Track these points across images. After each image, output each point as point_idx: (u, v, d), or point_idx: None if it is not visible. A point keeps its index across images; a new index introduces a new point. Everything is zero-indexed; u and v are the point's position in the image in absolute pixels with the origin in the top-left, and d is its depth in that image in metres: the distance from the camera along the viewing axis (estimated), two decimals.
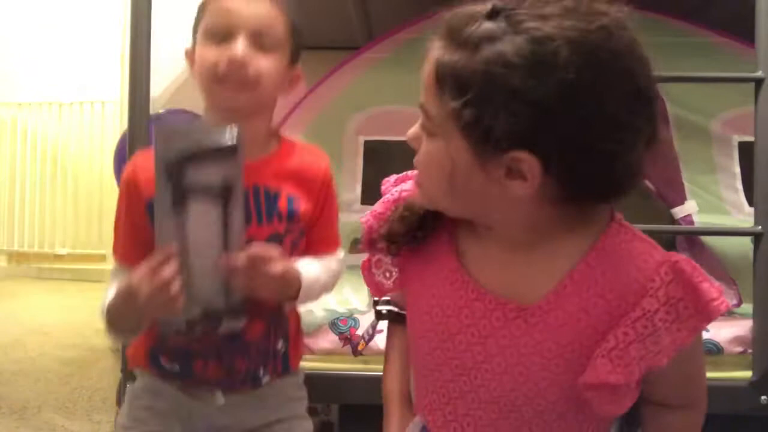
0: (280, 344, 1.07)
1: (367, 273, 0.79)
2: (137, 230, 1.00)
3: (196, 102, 1.39)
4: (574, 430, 0.67)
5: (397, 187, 0.78)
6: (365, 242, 0.77)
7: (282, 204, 1.00)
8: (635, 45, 0.59)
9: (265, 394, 1.06)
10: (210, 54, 0.95)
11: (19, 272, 4.62)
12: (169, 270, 0.85)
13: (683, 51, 1.67)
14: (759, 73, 1.27)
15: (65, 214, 4.60)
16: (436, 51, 0.62)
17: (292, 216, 1.02)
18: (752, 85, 1.28)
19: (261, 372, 1.05)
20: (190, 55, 1.02)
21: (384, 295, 0.82)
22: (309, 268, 1.02)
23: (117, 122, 4.22)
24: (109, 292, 0.99)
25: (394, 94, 1.68)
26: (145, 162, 0.99)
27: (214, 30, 0.96)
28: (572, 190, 0.60)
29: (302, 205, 1.02)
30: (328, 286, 1.10)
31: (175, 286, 0.86)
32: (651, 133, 0.60)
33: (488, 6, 0.59)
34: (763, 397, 1.24)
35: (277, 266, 0.92)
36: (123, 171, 1.08)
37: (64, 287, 4.24)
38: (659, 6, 1.82)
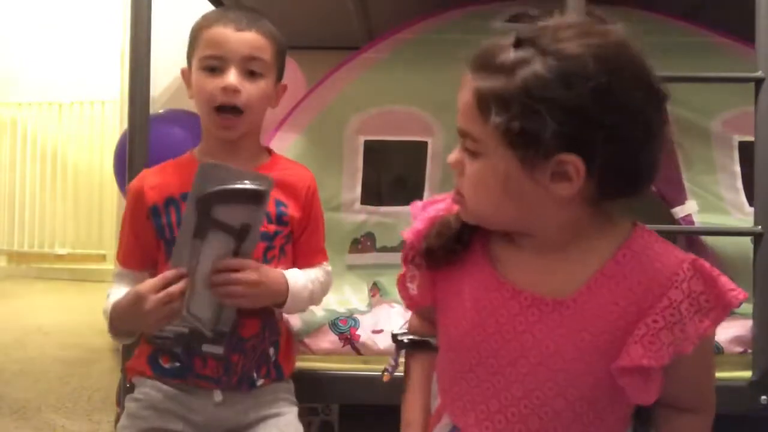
0: (271, 351, 1.14)
1: (402, 287, 0.85)
2: (140, 235, 1.12)
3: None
4: (599, 425, 0.71)
5: (433, 206, 0.84)
6: (404, 258, 0.84)
7: (271, 207, 1.10)
8: (641, 52, 0.68)
9: (261, 392, 1.12)
10: (206, 84, 1.07)
11: (19, 272, 4.62)
12: (178, 286, 0.96)
13: (683, 51, 1.67)
14: (759, 73, 1.27)
15: (65, 214, 4.59)
16: (472, 81, 0.69)
17: (280, 218, 1.12)
18: (752, 85, 1.28)
19: (255, 375, 1.11)
20: (187, 76, 1.14)
21: (417, 308, 0.88)
22: (297, 276, 1.11)
23: (117, 122, 4.22)
24: (111, 292, 1.09)
25: (395, 95, 1.68)
26: (151, 175, 1.14)
27: (208, 61, 1.08)
28: (607, 186, 0.68)
29: (290, 210, 1.13)
30: (316, 297, 1.18)
31: (179, 302, 0.98)
32: (665, 126, 0.70)
33: (512, 38, 0.68)
34: (763, 397, 1.24)
35: (252, 273, 1.01)
36: (128, 181, 1.21)
37: (64, 287, 4.24)
38: (659, 6, 1.82)
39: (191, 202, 0.97)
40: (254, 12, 1.13)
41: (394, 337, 0.94)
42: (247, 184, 0.98)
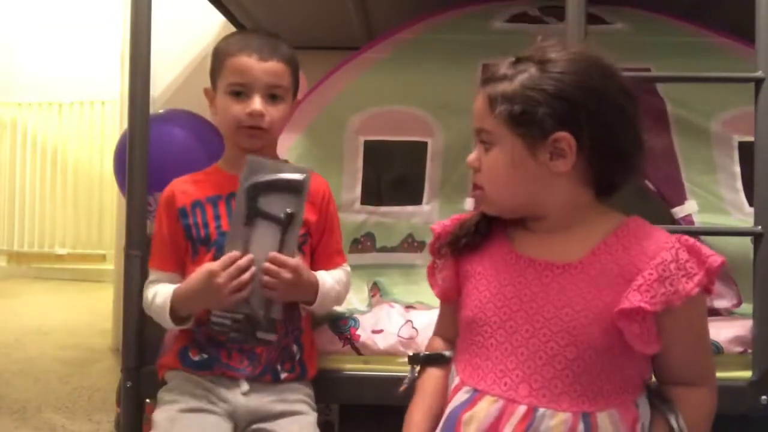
0: (294, 348, 1.21)
1: (432, 278, 0.99)
2: (173, 238, 1.23)
3: (196, 102, 1.41)
4: (605, 379, 0.82)
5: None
6: (432, 248, 0.98)
7: None
8: (612, 60, 0.87)
9: (285, 389, 1.19)
10: (233, 108, 1.20)
11: (19, 272, 4.62)
12: (245, 260, 1.08)
13: (683, 51, 1.67)
14: (759, 73, 1.27)
15: (65, 214, 4.60)
16: (483, 91, 0.87)
17: None
18: (752, 85, 1.28)
19: (279, 367, 1.19)
20: (210, 95, 1.26)
21: (446, 299, 0.99)
22: (326, 278, 1.22)
23: (117, 122, 4.22)
24: (157, 291, 1.20)
25: (395, 95, 1.68)
26: (180, 183, 1.27)
27: (234, 87, 1.20)
28: (597, 165, 0.85)
29: (307, 214, 1.19)
30: (341, 297, 1.28)
31: (247, 275, 1.08)
32: (639, 119, 0.86)
33: (511, 58, 0.87)
34: (763, 397, 1.24)
35: (287, 274, 1.10)
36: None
37: (64, 287, 4.24)
38: (659, 6, 1.82)
39: (241, 192, 1.09)
40: (273, 37, 1.25)
41: (410, 357, 1.02)
42: (288, 175, 1.10)
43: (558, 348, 0.82)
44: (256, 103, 1.19)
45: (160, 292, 1.18)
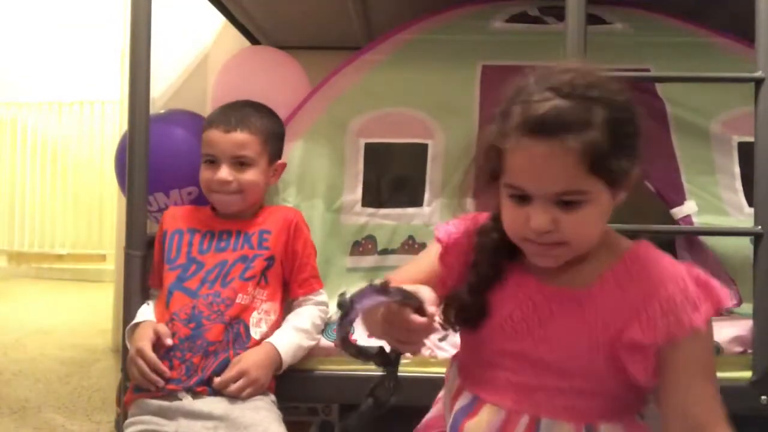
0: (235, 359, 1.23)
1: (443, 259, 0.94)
2: (159, 257, 1.34)
3: (196, 102, 1.41)
4: (604, 393, 0.82)
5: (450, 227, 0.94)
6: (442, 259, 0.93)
7: (254, 238, 1.33)
8: None
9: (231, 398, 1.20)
10: (204, 174, 1.34)
11: (19, 272, 4.62)
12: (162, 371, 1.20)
13: (683, 51, 1.66)
14: (759, 73, 1.27)
15: (65, 214, 4.60)
16: (562, 145, 0.75)
17: (261, 243, 1.32)
18: (752, 85, 1.28)
19: (216, 378, 1.20)
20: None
21: (443, 283, 0.93)
22: (290, 339, 1.26)
23: (117, 122, 4.22)
24: (142, 308, 1.32)
25: (395, 97, 1.67)
26: (175, 210, 1.41)
27: (206, 156, 1.34)
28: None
29: (272, 237, 1.32)
30: (312, 340, 1.32)
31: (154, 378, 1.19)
32: None
33: (551, 93, 0.76)
34: (763, 397, 1.24)
35: (241, 382, 1.18)
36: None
37: (64, 287, 4.24)
38: (659, 6, 1.82)
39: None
40: (247, 107, 1.36)
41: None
42: None
43: (559, 361, 0.83)
44: (223, 171, 1.30)
45: (140, 313, 1.31)
